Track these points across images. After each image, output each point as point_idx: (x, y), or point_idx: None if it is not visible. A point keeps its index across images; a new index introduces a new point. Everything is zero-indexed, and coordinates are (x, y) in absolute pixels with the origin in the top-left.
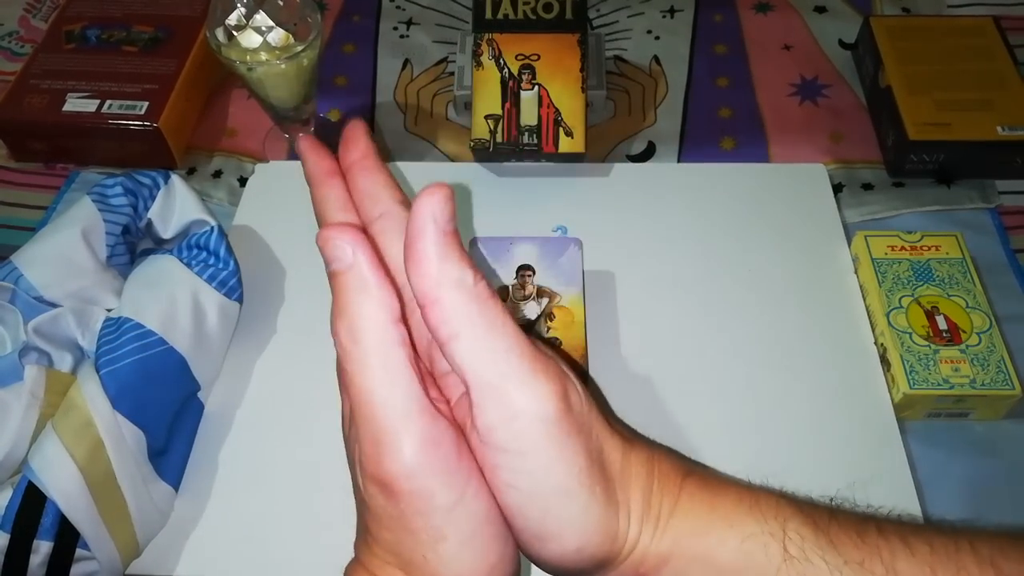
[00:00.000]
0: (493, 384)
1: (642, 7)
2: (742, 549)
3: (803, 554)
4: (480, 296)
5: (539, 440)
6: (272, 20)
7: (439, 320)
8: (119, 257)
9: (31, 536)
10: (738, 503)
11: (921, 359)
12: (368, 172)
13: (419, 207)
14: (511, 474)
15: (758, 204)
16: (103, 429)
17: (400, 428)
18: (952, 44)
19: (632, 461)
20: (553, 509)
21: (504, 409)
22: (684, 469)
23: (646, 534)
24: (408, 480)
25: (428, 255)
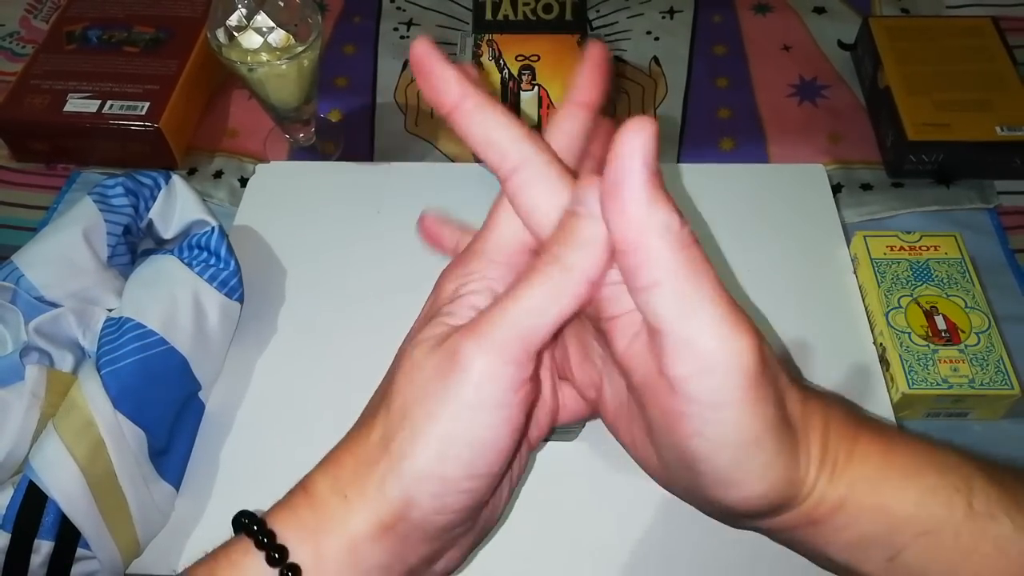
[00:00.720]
0: (691, 335)
1: (642, 8)
2: (922, 502)
3: (988, 510)
4: (686, 242)
5: (735, 393)
6: (273, 21)
7: (640, 266)
8: (120, 257)
9: (32, 536)
10: (916, 455)
11: (920, 359)
12: (478, 115)
13: (625, 144)
14: (702, 423)
15: (757, 204)
16: (104, 429)
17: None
18: (951, 45)
19: (810, 409)
20: (743, 458)
21: (701, 361)
22: (858, 419)
23: (823, 480)
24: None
25: (636, 199)
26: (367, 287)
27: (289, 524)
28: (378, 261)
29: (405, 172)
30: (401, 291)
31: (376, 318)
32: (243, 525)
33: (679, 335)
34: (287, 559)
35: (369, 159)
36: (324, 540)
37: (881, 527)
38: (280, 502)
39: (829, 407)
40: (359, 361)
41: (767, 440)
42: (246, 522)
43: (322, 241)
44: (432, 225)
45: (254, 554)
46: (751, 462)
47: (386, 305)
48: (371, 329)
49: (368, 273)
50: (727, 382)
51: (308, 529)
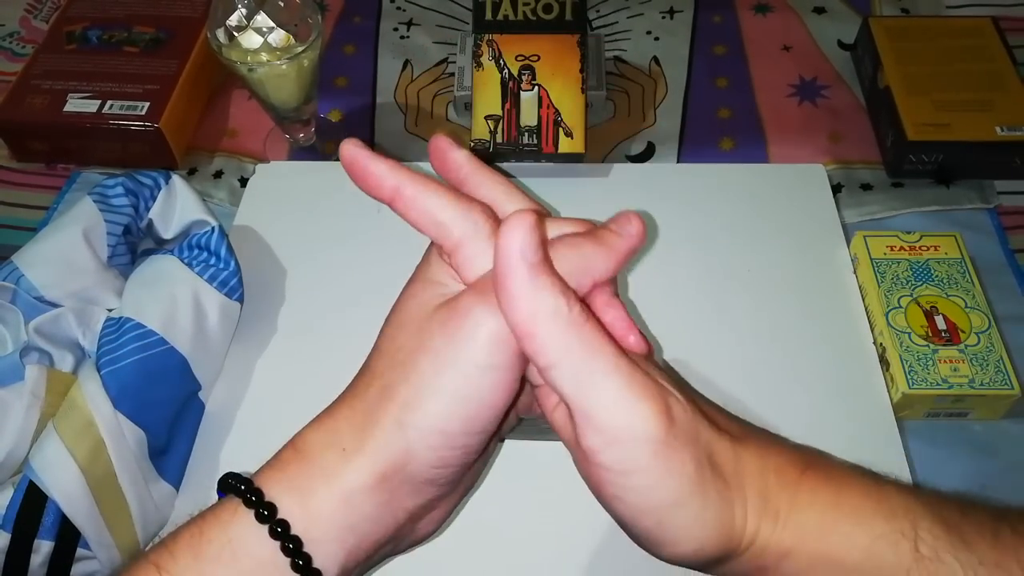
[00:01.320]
0: (593, 410)
1: (642, 8)
2: (871, 549)
3: (935, 554)
4: (576, 323)
5: (644, 460)
6: (273, 21)
7: (537, 350)
8: (120, 257)
9: (32, 536)
10: (864, 498)
11: (920, 359)
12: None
13: (504, 241)
14: (619, 490)
15: (757, 204)
16: (104, 429)
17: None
18: (951, 45)
19: (744, 458)
20: (666, 519)
21: (606, 434)
22: (802, 462)
23: (765, 528)
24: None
25: (520, 292)
26: (367, 287)
27: (278, 482)
28: (378, 261)
29: None
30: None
31: (376, 318)
32: (230, 486)
33: (581, 410)
34: (276, 515)
35: None
36: (315, 495)
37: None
38: (269, 462)
39: (768, 452)
40: (359, 361)
41: (687, 500)
42: (232, 483)
43: (322, 241)
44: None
45: (243, 512)
46: (676, 521)
47: (386, 305)
48: (371, 329)
49: (368, 273)
50: (634, 450)
51: (297, 486)
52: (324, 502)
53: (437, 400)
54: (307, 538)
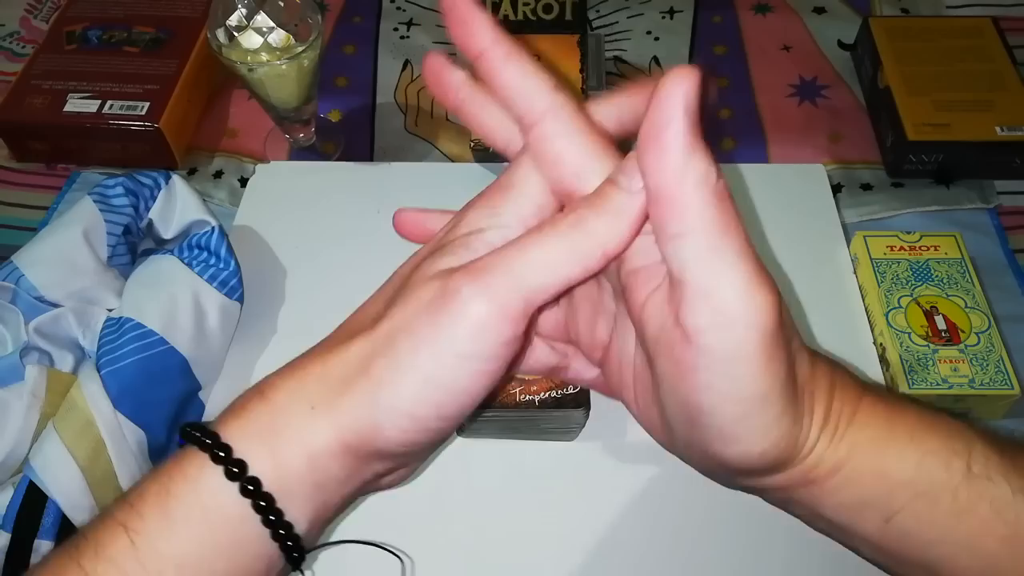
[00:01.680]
0: (714, 289)
1: (642, 8)
2: (922, 464)
3: (986, 473)
4: (720, 195)
5: (751, 349)
6: (273, 21)
7: (672, 216)
8: (120, 257)
9: (32, 536)
10: (919, 420)
11: (920, 359)
12: (507, 62)
13: (668, 90)
14: (713, 376)
15: (757, 204)
16: (104, 429)
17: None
18: (951, 45)
19: (818, 372)
20: (748, 414)
21: (721, 315)
22: (863, 385)
23: (823, 441)
24: (464, 305)
25: (675, 146)
26: (367, 287)
27: (245, 434)
28: (378, 261)
29: (405, 172)
30: None
31: None
32: (194, 437)
33: (702, 286)
34: (247, 472)
35: (369, 159)
36: (282, 451)
37: (879, 489)
38: (232, 408)
39: (835, 372)
40: None
41: (774, 398)
42: (197, 435)
43: (322, 241)
44: (410, 218)
45: (211, 468)
46: (756, 419)
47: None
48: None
49: (368, 273)
50: (744, 337)
51: (265, 439)
52: (292, 459)
53: (411, 384)
54: (277, 493)
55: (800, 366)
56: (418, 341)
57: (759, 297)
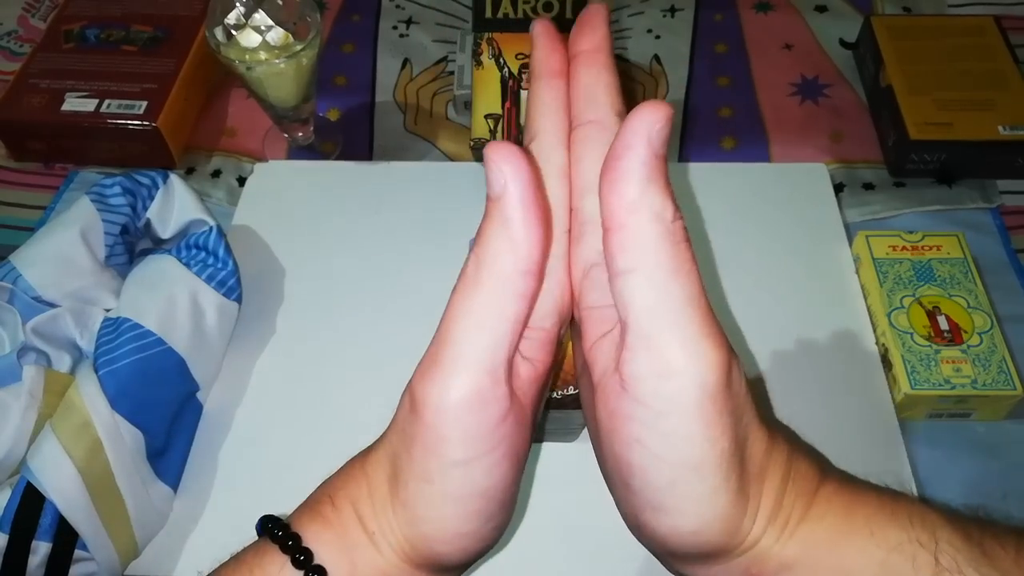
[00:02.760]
0: (657, 333)
1: (642, 6)
2: (887, 561)
3: (956, 566)
4: (675, 235)
5: (689, 407)
6: (271, 19)
7: (621, 248)
8: (118, 257)
9: (30, 537)
10: (879, 508)
11: (922, 359)
12: (596, 67)
13: (635, 120)
14: (645, 430)
15: (759, 204)
16: (102, 430)
17: (460, 369)
18: (953, 44)
19: (773, 457)
20: (681, 482)
21: (661, 363)
22: (821, 471)
23: (770, 536)
24: (433, 414)
25: (632, 175)
26: (366, 287)
27: (322, 540)
28: (377, 261)
29: (404, 171)
30: (400, 291)
31: (375, 318)
32: (277, 537)
33: (643, 329)
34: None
35: (368, 158)
36: (358, 562)
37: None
38: (307, 510)
39: (793, 458)
40: (358, 361)
41: (712, 470)
42: (278, 533)
43: (321, 241)
44: None
45: (290, 571)
46: (689, 489)
47: (385, 305)
48: (370, 329)
49: (367, 273)
50: (683, 392)
51: (342, 549)
52: (367, 570)
53: (444, 510)
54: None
55: (752, 446)
56: (423, 472)
57: (704, 351)
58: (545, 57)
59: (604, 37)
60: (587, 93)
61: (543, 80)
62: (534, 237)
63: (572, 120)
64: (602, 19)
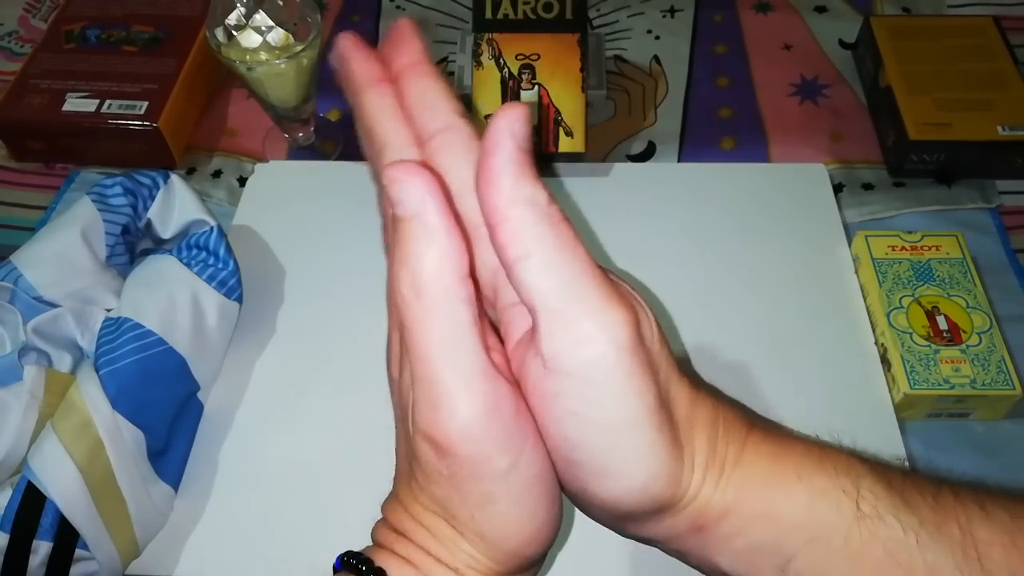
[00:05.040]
0: (563, 307)
1: (642, 7)
2: (812, 506)
3: (876, 513)
4: (553, 217)
5: (609, 368)
6: (272, 20)
7: (509, 239)
8: (118, 257)
9: (31, 536)
10: (806, 456)
11: (921, 359)
12: (424, 79)
13: (497, 122)
14: (576, 401)
15: (758, 204)
16: (102, 429)
17: (461, 391)
18: (952, 44)
19: (698, 407)
20: (619, 442)
21: (573, 334)
22: (749, 420)
23: (709, 484)
24: (465, 445)
25: (503, 171)
26: (366, 287)
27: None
28: (377, 261)
29: None
30: None
31: (375, 318)
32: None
33: (550, 307)
34: None
35: None
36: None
37: (770, 534)
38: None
39: (719, 407)
40: (358, 361)
41: (643, 423)
42: (363, 568)
43: (321, 241)
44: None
45: None
46: (628, 447)
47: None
48: (370, 329)
49: (367, 273)
50: (600, 355)
51: None
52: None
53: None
54: None
55: (676, 398)
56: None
57: (610, 312)
58: (362, 68)
59: (419, 49)
60: (425, 104)
61: (369, 90)
62: (459, 241)
63: (419, 135)
64: (412, 31)
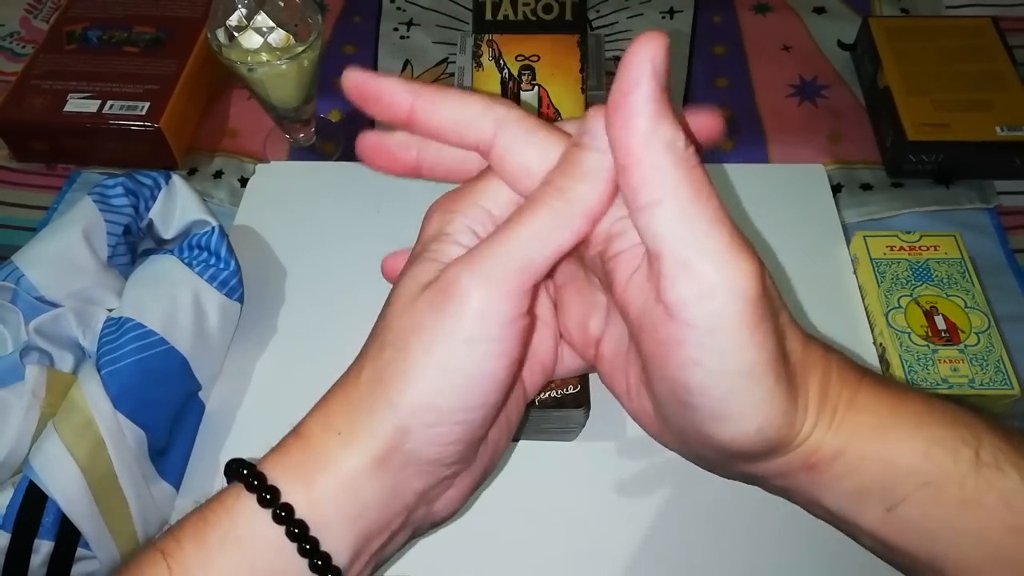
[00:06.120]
0: (692, 257)
1: (642, 8)
2: (929, 452)
3: (996, 463)
4: (690, 163)
5: (734, 318)
6: (273, 21)
7: (642, 182)
8: (120, 257)
9: (32, 536)
10: (925, 406)
11: (920, 359)
12: (439, 102)
13: (635, 54)
14: (699, 351)
15: (757, 204)
16: (104, 429)
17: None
18: (951, 45)
19: (811, 353)
20: (738, 389)
21: (701, 284)
22: (862, 370)
23: (822, 426)
24: (468, 290)
25: (641, 110)
26: (367, 287)
27: (281, 466)
28: (378, 261)
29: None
30: None
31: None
32: (233, 471)
33: (678, 257)
34: (279, 499)
35: None
36: (318, 479)
37: (883, 477)
38: (272, 449)
39: (831, 354)
40: None
41: (764, 372)
42: (236, 468)
43: (322, 241)
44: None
45: (246, 497)
46: (747, 394)
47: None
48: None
49: (368, 273)
50: (725, 306)
51: (301, 470)
52: (327, 487)
53: (426, 377)
54: (313, 523)
55: (791, 344)
56: (428, 339)
57: (738, 264)
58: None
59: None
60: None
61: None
62: None
63: (478, 147)
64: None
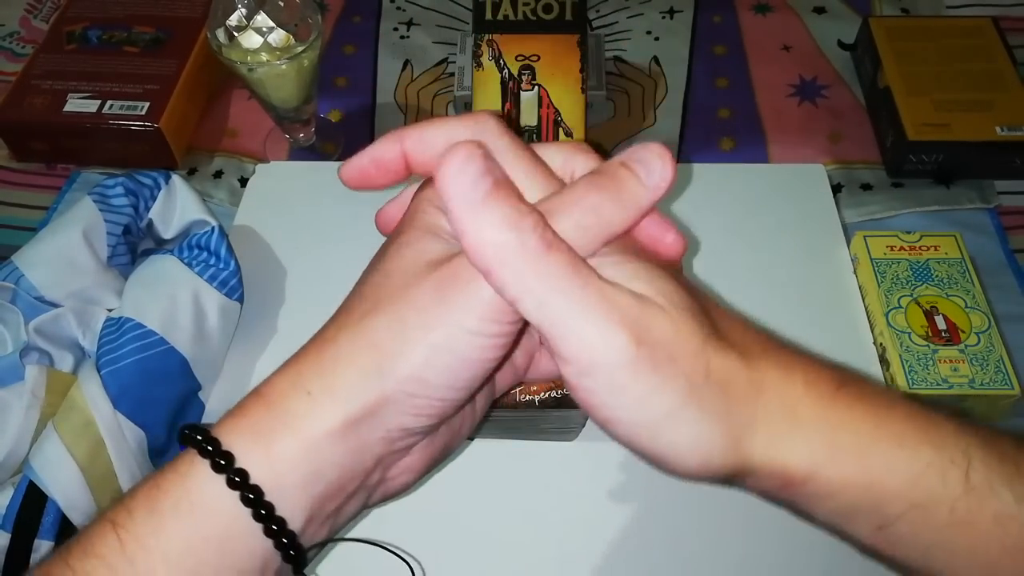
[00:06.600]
0: (561, 342)
1: (642, 8)
2: (914, 476)
3: (988, 484)
4: (535, 253)
5: (624, 382)
6: (273, 21)
7: (497, 288)
8: (120, 257)
9: (32, 536)
10: (908, 422)
11: (920, 359)
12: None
13: (444, 170)
14: (609, 411)
15: (757, 204)
16: (104, 429)
17: None
18: (951, 45)
19: (763, 370)
20: (661, 432)
21: (580, 363)
22: (838, 378)
23: (788, 443)
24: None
25: (469, 226)
26: None
27: (238, 430)
28: None
29: None
30: None
31: None
32: (187, 436)
33: (551, 343)
34: (233, 464)
35: None
36: (278, 439)
37: (868, 499)
38: (231, 410)
39: (791, 366)
40: None
41: (681, 410)
42: (188, 433)
43: (322, 241)
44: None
45: (200, 463)
46: (672, 434)
47: None
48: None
49: None
50: (611, 376)
51: (260, 430)
52: (287, 448)
53: (421, 351)
54: (268, 486)
55: (723, 369)
56: (429, 317)
57: (603, 335)
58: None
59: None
60: None
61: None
62: None
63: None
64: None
